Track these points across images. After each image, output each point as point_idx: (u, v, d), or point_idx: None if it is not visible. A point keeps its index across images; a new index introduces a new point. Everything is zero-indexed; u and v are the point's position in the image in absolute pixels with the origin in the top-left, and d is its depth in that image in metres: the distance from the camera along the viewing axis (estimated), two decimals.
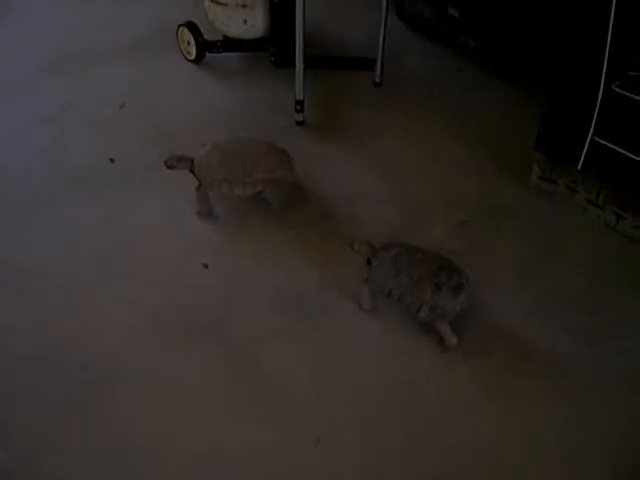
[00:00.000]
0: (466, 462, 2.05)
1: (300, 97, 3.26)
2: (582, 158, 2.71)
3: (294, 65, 3.20)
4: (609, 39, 2.41)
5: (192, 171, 2.79)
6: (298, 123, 3.35)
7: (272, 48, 3.67)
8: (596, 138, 2.63)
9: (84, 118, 3.43)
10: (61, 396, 2.20)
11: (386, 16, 3.46)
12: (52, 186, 3.01)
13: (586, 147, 2.68)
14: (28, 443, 2.08)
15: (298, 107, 3.30)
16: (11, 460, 2.03)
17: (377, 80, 3.67)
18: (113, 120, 3.40)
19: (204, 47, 3.75)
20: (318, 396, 2.22)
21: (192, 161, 2.77)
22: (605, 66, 2.47)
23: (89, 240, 2.75)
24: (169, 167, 2.77)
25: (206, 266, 2.62)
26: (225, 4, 3.54)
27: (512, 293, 2.56)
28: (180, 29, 3.79)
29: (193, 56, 3.79)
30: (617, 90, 2.50)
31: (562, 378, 2.28)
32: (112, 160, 3.10)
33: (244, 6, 3.52)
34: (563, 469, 2.05)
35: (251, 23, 3.57)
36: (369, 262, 2.44)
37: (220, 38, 3.76)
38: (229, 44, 3.75)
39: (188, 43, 3.78)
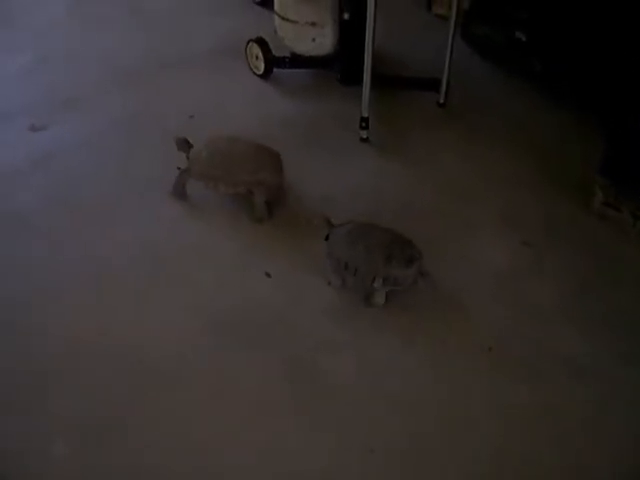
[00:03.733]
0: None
1: (365, 114, 3.31)
2: None
3: (360, 83, 3.25)
4: None
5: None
6: (362, 140, 3.40)
7: (339, 66, 3.75)
8: None
9: (153, 127, 3.54)
10: (120, 397, 2.27)
11: (453, 38, 3.50)
12: (121, 191, 3.12)
13: None
14: (87, 439, 2.15)
15: (363, 124, 3.35)
16: (71, 456, 2.11)
17: (441, 101, 3.70)
18: (182, 130, 3.46)
19: (272, 62, 3.84)
20: (371, 406, 2.25)
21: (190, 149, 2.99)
22: None
23: (157, 245, 2.85)
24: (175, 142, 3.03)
25: (269, 275, 2.69)
26: (295, 22, 3.64)
27: (567, 315, 2.56)
28: (250, 44, 3.90)
29: (261, 71, 3.89)
30: None
31: (607, 395, 2.29)
32: (179, 168, 3.19)
33: (313, 24, 3.61)
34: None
35: (320, 41, 3.66)
36: (327, 238, 2.56)
37: (288, 54, 3.85)
38: (297, 60, 3.84)
39: (257, 58, 3.88)
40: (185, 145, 3.02)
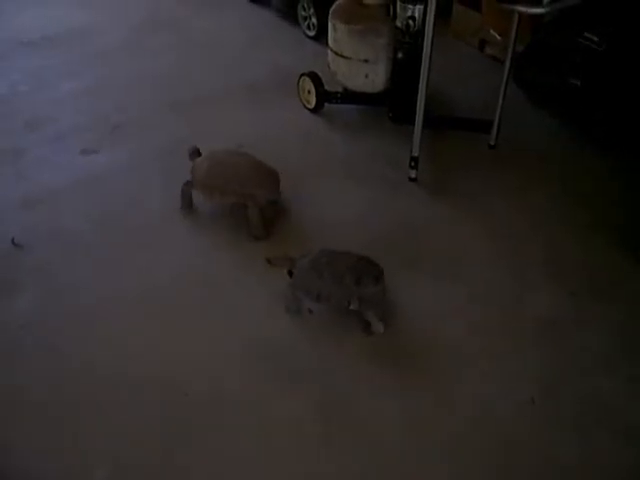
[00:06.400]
0: None
1: (416, 154, 3.28)
2: None
3: (411, 122, 3.23)
4: None
5: None
6: (411, 179, 3.38)
7: (391, 103, 3.74)
8: None
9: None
10: (160, 423, 2.28)
11: (507, 81, 3.47)
12: (164, 217, 3.16)
13: None
14: (127, 463, 2.16)
15: (413, 163, 3.32)
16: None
17: (492, 143, 3.66)
18: None
19: (324, 97, 3.86)
20: (407, 457, 2.19)
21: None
22: None
23: (197, 273, 2.86)
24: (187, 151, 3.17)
25: (310, 311, 2.67)
26: (349, 58, 3.65)
27: (613, 372, 2.47)
28: (302, 78, 3.92)
29: (312, 105, 3.91)
30: None
31: None
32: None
33: (366, 61, 3.61)
34: None
35: (372, 78, 3.66)
36: (290, 274, 2.61)
37: (340, 90, 3.87)
38: (348, 96, 3.85)
39: (309, 92, 3.90)
40: (196, 155, 3.11)
